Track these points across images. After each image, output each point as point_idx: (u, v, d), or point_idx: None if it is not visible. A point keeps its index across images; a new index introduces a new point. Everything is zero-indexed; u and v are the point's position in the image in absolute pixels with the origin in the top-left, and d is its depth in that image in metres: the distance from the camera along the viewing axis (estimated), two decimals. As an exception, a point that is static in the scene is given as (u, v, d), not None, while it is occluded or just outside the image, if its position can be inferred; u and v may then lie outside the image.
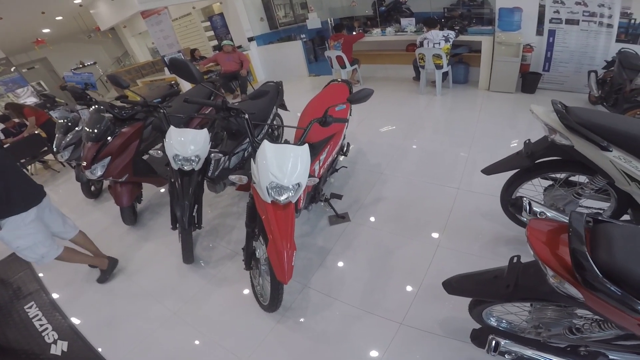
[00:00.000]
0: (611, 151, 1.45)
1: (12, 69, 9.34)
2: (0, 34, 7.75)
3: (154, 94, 4.32)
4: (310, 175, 1.97)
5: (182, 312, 2.20)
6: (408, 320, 1.80)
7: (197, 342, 1.99)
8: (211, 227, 2.93)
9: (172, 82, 4.69)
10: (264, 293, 2.09)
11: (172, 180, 2.37)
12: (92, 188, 3.94)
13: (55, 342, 2.20)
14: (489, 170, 2.00)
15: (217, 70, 6.24)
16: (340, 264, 2.28)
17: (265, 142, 1.73)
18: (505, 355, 1.19)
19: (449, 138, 3.44)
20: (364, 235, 2.46)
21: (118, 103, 3.23)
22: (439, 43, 4.21)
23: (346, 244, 2.42)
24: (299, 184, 1.69)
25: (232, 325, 2.04)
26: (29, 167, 5.12)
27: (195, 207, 2.42)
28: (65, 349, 2.14)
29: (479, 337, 1.34)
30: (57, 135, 3.71)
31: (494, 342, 1.19)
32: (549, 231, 0.99)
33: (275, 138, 3.60)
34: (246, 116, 1.93)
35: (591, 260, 0.83)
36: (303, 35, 6.81)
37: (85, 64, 11.57)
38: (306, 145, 1.78)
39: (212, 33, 7.89)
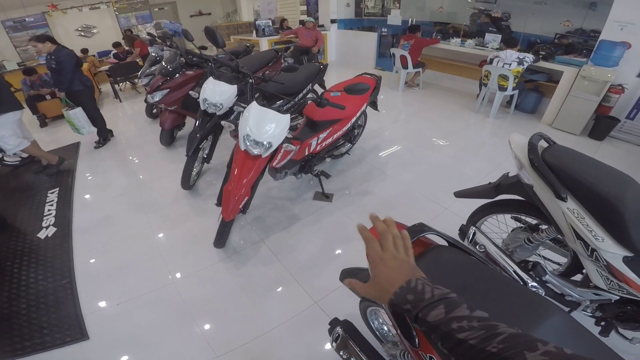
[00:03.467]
0: (566, 202, 1.30)
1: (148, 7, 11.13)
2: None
3: (232, 50, 4.89)
4: (293, 145, 2.16)
5: (157, 227, 2.61)
6: (323, 303, 1.91)
7: (149, 255, 2.35)
8: (221, 167, 3.30)
9: (248, 45, 5.15)
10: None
11: (199, 117, 2.78)
12: (154, 111, 4.74)
13: (48, 227, 2.67)
14: (460, 194, 1.92)
15: (296, 42, 6.59)
16: (301, 234, 2.44)
17: (253, 103, 2.00)
18: (341, 352, 1.24)
19: (471, 162, 3.23)
20: (335, 218, 2.56)
21: (191, 51, 3.83)
22: (510, 64, 3.86)
23: (316, 220, 2.55)
24: (270, 143, 1.93)
25: (185, 250, 2.37)
26: (121, 85, 6.24)
27: (208, 142, 2.86)
28: (49, 235, 2.58)
29: (333, 326, 1.36)
30: (145, 64, 4.52)
31: (337, 334, 1.25)
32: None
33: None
34: (250, 80, 2.19)
35: None
36: (385, 30, 6.71)
37: (203, 13, 13.08)
38: (287, 115, 1.99)
39: (305, 8, 8.26)
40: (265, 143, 1.92)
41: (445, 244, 1.05)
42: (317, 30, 6.40)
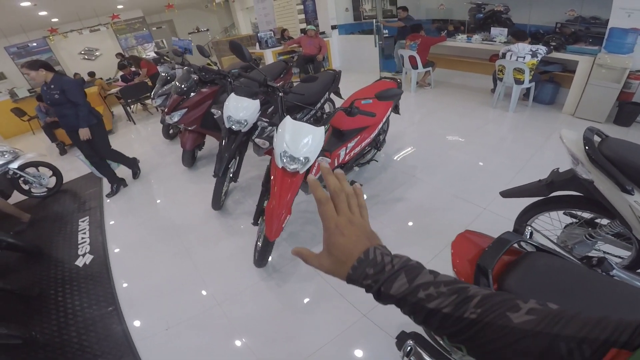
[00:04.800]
0: (633, 195, 1.28)
1: (145, 27, 11.28)
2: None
3: (237, 64, 4.91)
4: (326, 157, 2.14)
5: (192, 249, 2.60)
6: (372, 314, 1.86)
7: (189, 277, 2.34)
8: (246, 185, 3.30)
9: (256, 58, 5.18)
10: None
11: (224, 136, 2.76)
12: (170, 131, 4.75)
13: (84, 254, 2.70)
14: (507, 193, 1.88)
15: (299, 51, 6.62)
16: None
17: (287, 117, 1.97)
18: None
19: (499, 158, 3.19)
20: (371, 227, 2.52)
21: (207, 67, 3.83)
22: (524, 57, 3.83)
23: (351, 231, 2.51)
24: (307, 158, 1.89)
25: (224, 270, 2.35)
26: (132, 106, 6.28)
27: (236, 161, 2.81)
28: (87, 262, 2.61)
29: (402, 340, 1.31)
30: (156, 85, 4.54)
31: (409, 347, 1.20)
32: (472, 241, 1.01)
33: (321, 120, 3.83)
34: (280, 94, 2.16)
35: (491, 279, 0.84)
36: (386, 31, 6.70)
37: (200, 30, 13.23)
38: (322, 127, 1.96)
39: (303, 16, 8.30)
40: (302, 158, 1.89)
41: (533, 249, 1.02)
42: (319, 37, 6.42)
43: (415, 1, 7.39)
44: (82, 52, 10.64)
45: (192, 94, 3.49)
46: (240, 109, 2.58)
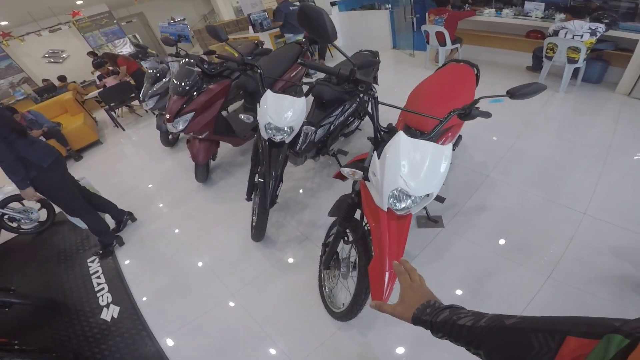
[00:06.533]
0: None
1: (114, 21, 10.14)
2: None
3: (243, 52, 4.17)
4: None
5: (241, 294, 2.06)
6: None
7: (250, 332, 1.84)
8: (282, 201, 2.72)
9: (257, 41, 4.49)
10: (333, 296, 1.83)
11: (260, 150, 2.13)
12: (170, 137, 4.06)
13: (107, 305, 2.19)
14: None
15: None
16: (425, 276, 1.90)
17: (401, 134, 1.24)
18: None
19: (575, 148, 2.74)
20: (458, 248, 2.05)
21: (209, 58, 3.10)
22: (582, 36, 3.39)
23: (435, 254, 2.04)
24: (428, 195, 1.23)
25: (290, 320, 1.85)
26: (116, 110, 5.46)
27: (280, 184, 2.16)
28: (115, 315, 2.11)
29: None
30: (145, 84, 3.81)
31: None
32: None
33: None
34: (375, 94, 1.39)
35: None
36: (389, 5, 6.08)
37: (176, 20, 12.14)
38: (450, 145, 1.27)
39: (296, -5, 7.53)
40: (417, 197, 1.22)
41: None
42: (322, 17, 5.77)
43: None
44: (47, 55, 9.45)
45: (195, 93, 2.73)
46: (282, 112, 1.96)
